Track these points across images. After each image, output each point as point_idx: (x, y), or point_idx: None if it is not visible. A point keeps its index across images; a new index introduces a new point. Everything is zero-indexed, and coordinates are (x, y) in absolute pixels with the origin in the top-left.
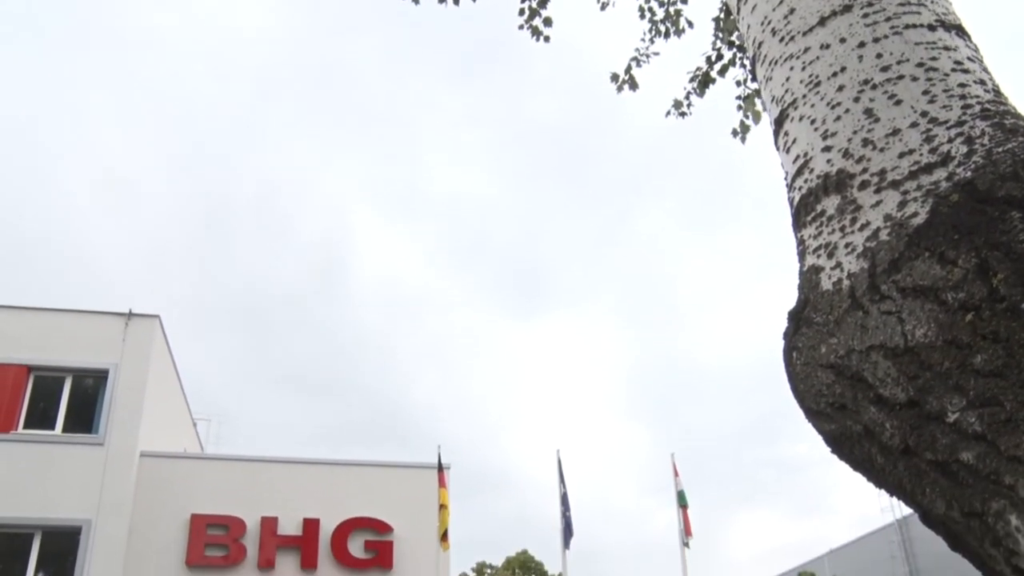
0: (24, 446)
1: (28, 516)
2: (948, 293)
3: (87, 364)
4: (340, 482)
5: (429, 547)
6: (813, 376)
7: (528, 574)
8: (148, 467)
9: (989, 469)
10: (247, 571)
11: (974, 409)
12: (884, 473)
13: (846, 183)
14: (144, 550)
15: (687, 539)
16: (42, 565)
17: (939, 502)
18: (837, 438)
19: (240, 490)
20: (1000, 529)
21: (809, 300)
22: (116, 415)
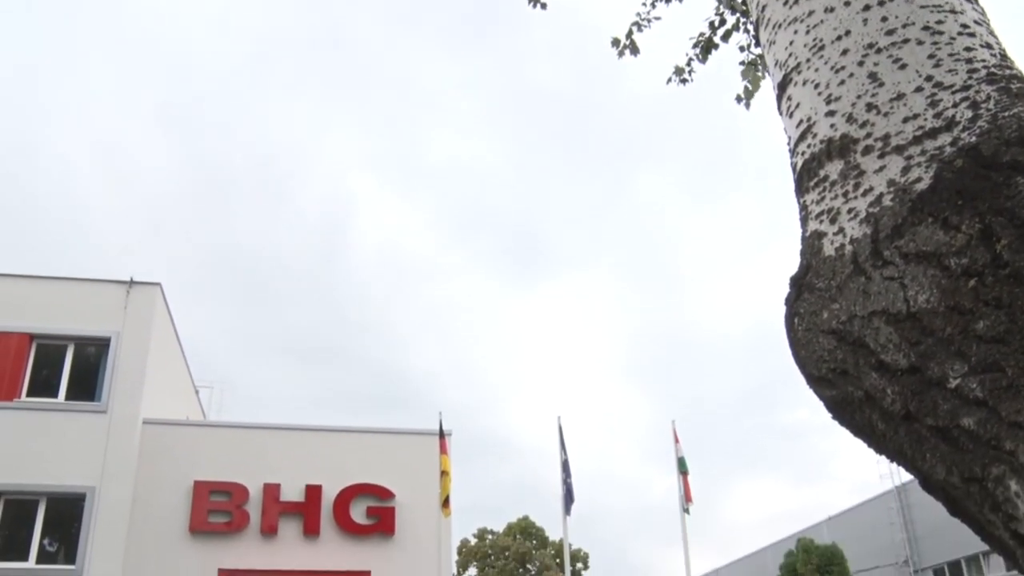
0: (27, 414)
1: (33, 483)
2: (951, 259)
3: (89, 332)
4: (342, 449)
5: (431, 513)
6: (815, 342)
7: (529, 539)
8: (151, 434)
9: (990, 434)
10: (250, 537)
11: (976, 375)
12: (885, 439)
13: (849, 148)
14: (147, 516)
15: (687, 505)
16: (47, 531)
17: (939, 467)
18: (838, 404)
19: (242, 457)
20: (999, 494)
21: (811, 266)
22: (118, 383)
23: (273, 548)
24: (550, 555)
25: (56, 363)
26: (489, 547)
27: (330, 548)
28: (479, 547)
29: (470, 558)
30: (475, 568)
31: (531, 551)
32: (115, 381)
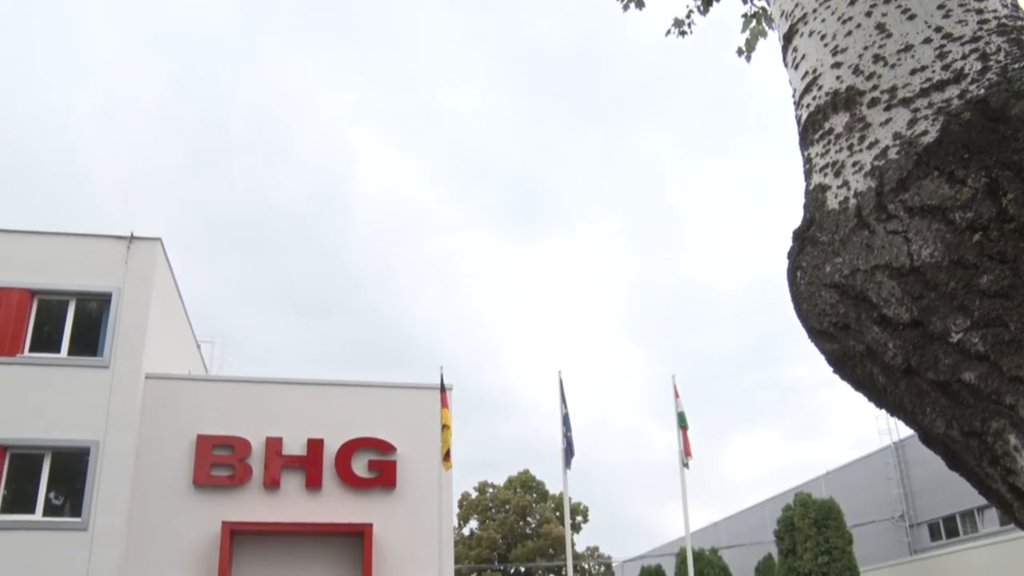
0: (30, 369)
1: (37, 437)
2: (956, 213)
3: (90, 288)
4: (344, 403)
5: (432, 467)
6: (817, 296)
7: (529, 493)
8: (153, 389)
9: (990, 389)
10: (253, 490)
11: (978, 329)
12: (885, 393)
13: (855, 100)
14: (151, 470)
15: (687, 460)
16: (53, 485)
17: (939, 422)
18: (839, 358)
19: (245, 411)
20: (999, 448)
21: (815, 219)
22: (120, 338)
23: (276, 501)
24: (550, 508)
25: (58, 318)
26: (490, 500)
27: (332, 501)
28: (480, 500)
29: (471, 511)
30: (476, 521)
31: (531, 504)
32: (117, 336)
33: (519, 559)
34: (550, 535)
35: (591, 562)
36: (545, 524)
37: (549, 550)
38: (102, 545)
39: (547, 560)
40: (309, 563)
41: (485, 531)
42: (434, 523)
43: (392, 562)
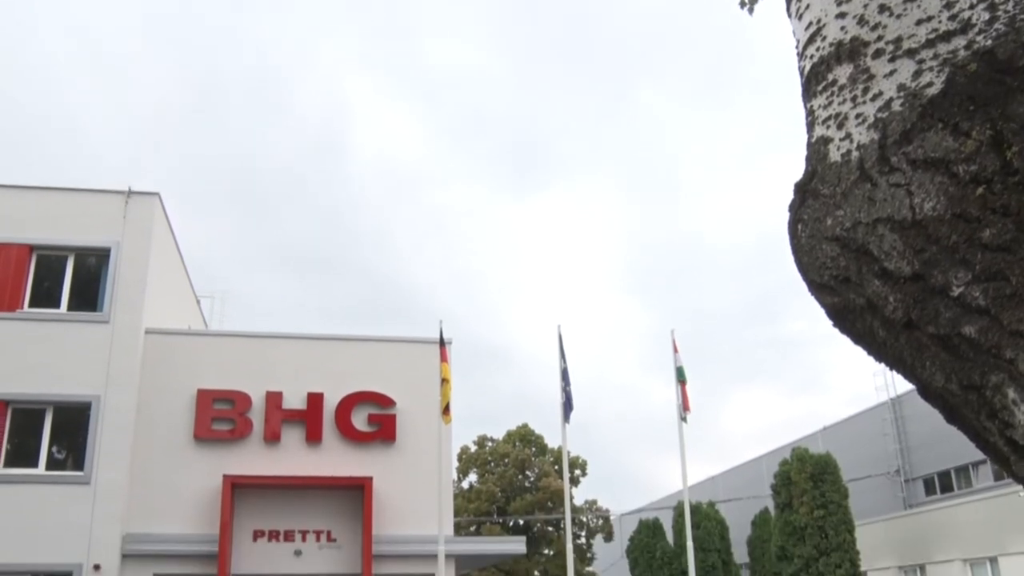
0: (31, 324)
1: (39, 392)
2: (960, 166)
3: (89, 243)
4: (343, 357)
5: (431, 420)
6: (818, 249)
7: (528, 447)
8: (153, 344)
9: (990, 343)
10: (254, 444)
11: (979, 283)
12: (885, 347)
13: (859, 51)
14: (152, 424)
15: (685, 414)
16: (55, 439)
17: (938, 375)
18: (840, 311)
19: (245, 365)
20: (997, 402)
21: (816, 172)
22: (120, 293)
23: (276, 455)
24: (549, 462)
25: (57, 274)
26: (489, 454)
27: (332, 455)
28: (479, 454)
29: (470, 464)
30: (475, 474)
31: (530, 458)
32: (116, 291)
33: (518, 512)
34: (549, 488)
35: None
36: (544, 478)
37: (548, 503)
38: (104, 498)
39: (546, 513)
40: (310, 516)
41: (484, 484)
42: (433, 476)
43: (392, 515)
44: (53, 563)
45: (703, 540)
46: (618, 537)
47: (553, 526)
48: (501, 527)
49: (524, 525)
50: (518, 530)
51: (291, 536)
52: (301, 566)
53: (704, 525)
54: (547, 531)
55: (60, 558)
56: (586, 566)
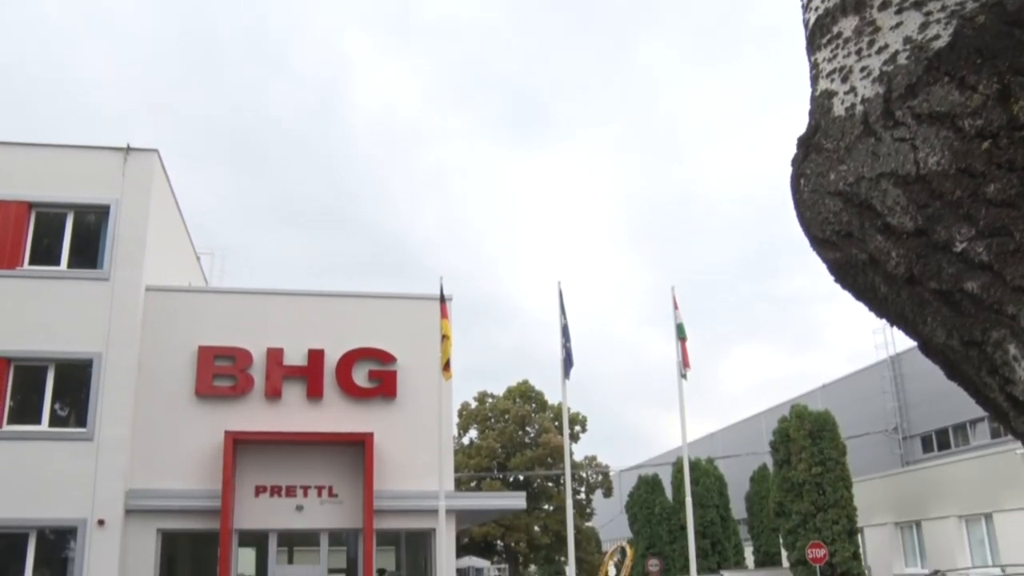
0: (31, 282)
1: (40, 349)
2: (965, 120)
3: (88, 200)
4: (344, 313)
5: (431, 376)
6: (820, 203)
7: (528, 403)
8: (154, 301)
9: (992, 299)
10: (255, 400)
11: (982, 239)
12: (886, 302)
13: (865, 3)
14: (154, 381)
15: (685, 371)
16: (57, 395)
17: (939, 331)
18: (841, 267)
19: (245, 322)
20: (998, 358)
21: (820, 126)
22: (120, 250)
23: (277, 411)
24: (549, 418)
25: (56, 231)
26: (489, 410)
27: (333, 411)
28: (479, 410)
29: (470, 421)
30: (475, 430)
31: (530, 414)
32: (116, 248)
33: (518, 468)
34: (549, 444)
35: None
36: (544, 434)
37: (548, 459)
38: (107, 454)
39: (546, 469)
40: (311, 471)
41: (484, 440)
42: (434, 432)
43: (393, 471)
44: (58, 518)
45: (702, 496)
46: (617, 493)
47: (553, 482)
48: (501, 483)
49: (524, 481)
50: (518, 486)
51: (292, 491)
52: (303, 521)
53: (703, 481)
54: (547, 487)
55: (64, 513)
56: (585, 521)
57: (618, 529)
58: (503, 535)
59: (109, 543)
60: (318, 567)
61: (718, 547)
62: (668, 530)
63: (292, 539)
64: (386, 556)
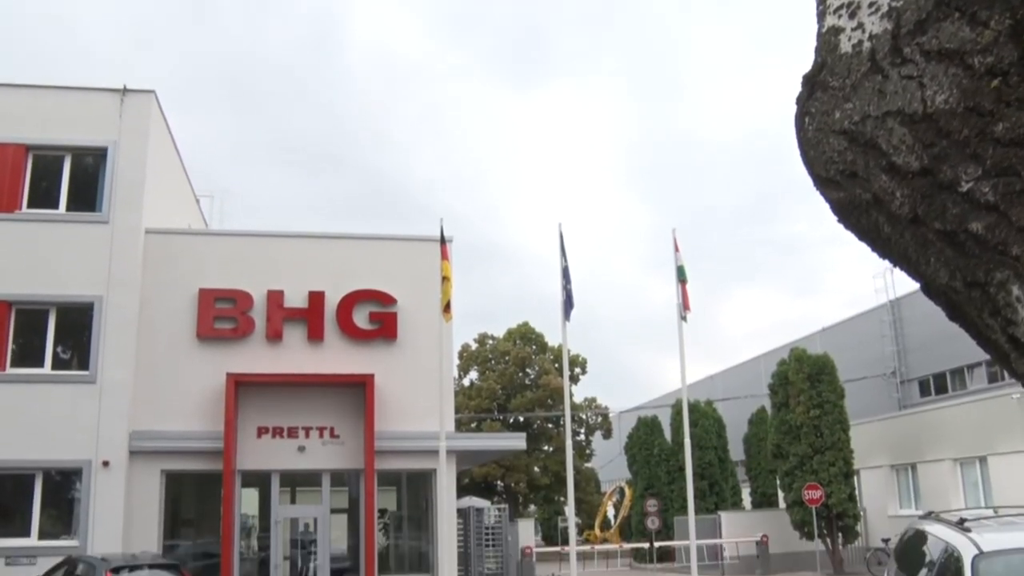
0: (29, 225)
1: (41, 293)
2: (975, 57)
3: (85, 142)
4: (344, 255)
5: (432, 318)
6: (825, 142)
7: (529, 345)
8: (154, 244)
9: (997, 240)
10: (256, 342)
11: (989, 179)
12: (890, 243)
13: None
14: (155, 324)
15: (685, 313)
16: (60, 339)
17: (942, 272)
18: (845, 207)
19: (246, 264)
20: (1001, 299)
21: (826, 63)
22: (118, 193)
23: (278, 353)
24: (549, 360)
25: (54, 174)
26: (489, 352)
27: (334, 352)
28: (480, 352)
29: (471, 362)
30: (476, 372)
31: (530, 356)
32: (115, 191)
33: (518, 409)
34: (549, 386)
35: (588, 412)
36: (544, 375)
37: (548, 400)
38: (110, 397)
39: (546, 410)
40: (312, 413)
41: (485, 382)
42: (434, 374)
43: (394, 412)
44: (63, 460)
45: (700, 438)
46: (617, 434)
47: (553, 423)
48: (501, 424)
49: (524, 422)
50: (518, 427)
51: (294, 432)
52: (305, 462)
53: (702, 423)
54: (547, 428)
55: (69, 455)
56: (585, 462)
57: (617, 470)
58: (503, 476)
59: (114, 484)
60: (320, 507)
61: (716, 488)
62: (667, 471)
63: (294, 479)
64: (387, 496)
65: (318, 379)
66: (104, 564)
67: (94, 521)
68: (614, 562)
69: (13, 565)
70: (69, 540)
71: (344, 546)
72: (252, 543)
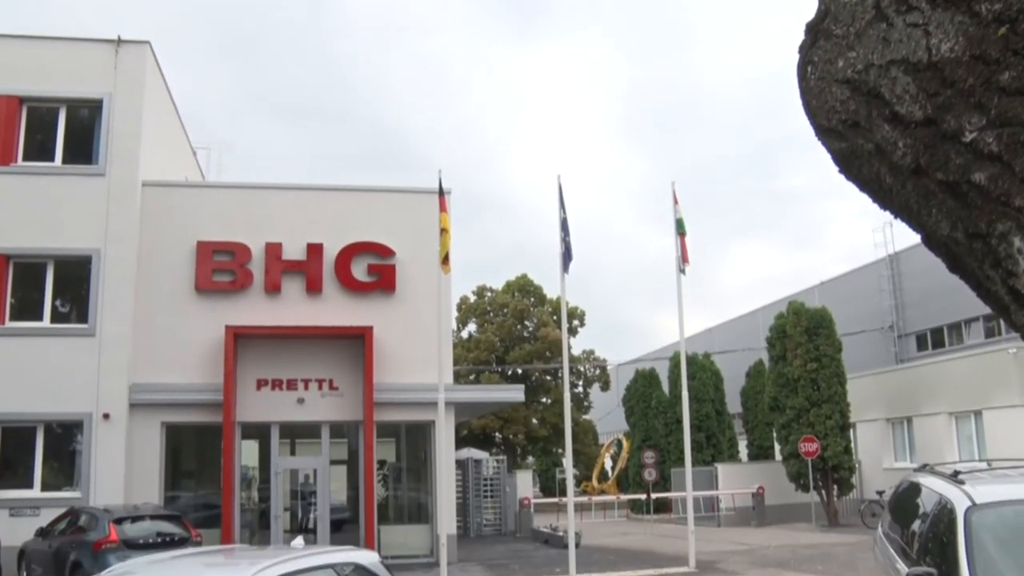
0: (25, 178)
1: (39, 246)
2: (982, 4)
3: (80, 94)
4: (342, 207)
5: (430, 270)
6: (827, 91)
7: (527, 297)
8: (151, 196)
9: (1000, 191)
10: (254, 295)
11: (993, 128)
12: (891, 194)
13: None
14: (153, 277)
15: (683, 266)
16: (58, 292)
17: (944, 223)
18: (847, 157)
19: (244, 217)
20: (1002, 251)
21: (830, 11)
22: (114, 145)
23: (277, 304)
24: (547, 312)
25: (49, 126)
26: (488, 304)
27: (332, 304)
28: (478, 304)
29: (469, 314)
30: (474, 324)
31: (529, 308)
32: (111, 143)
33: (516, 361)
34: (547, 338)
35: (587, 365)
36: (542, 328)
37: (546, 353)
38: (110, 350)
39: (544, 363)
40: (311, 365)
41: (483, 334)
42: (433, 326)
43: (392, 364)
44: (63, 412)
45: (698, 390)
46: (615, 387)
47: (551, 375)
48: (500, 376)
49: (522, 374)
50: (516, 379)
51: (293, 384)
52: (304, 413)
53: (699, 376)
54: (545, 380)
55: (70, 408)
56: (583, 414)
57: (615, 422)
58: (501, 427)
59: (115, 436)
60: (320, 458)
61: (713, 440)
62: (664, 423)
63: (294, 431)
64: (386, 448)
65: (317, 331)
66: (107, 515)
67: (96, 473)
68: (611, 513)
69: (17, 516)
70: (71, 492)
71: (344, 497)
72: (252, 494)
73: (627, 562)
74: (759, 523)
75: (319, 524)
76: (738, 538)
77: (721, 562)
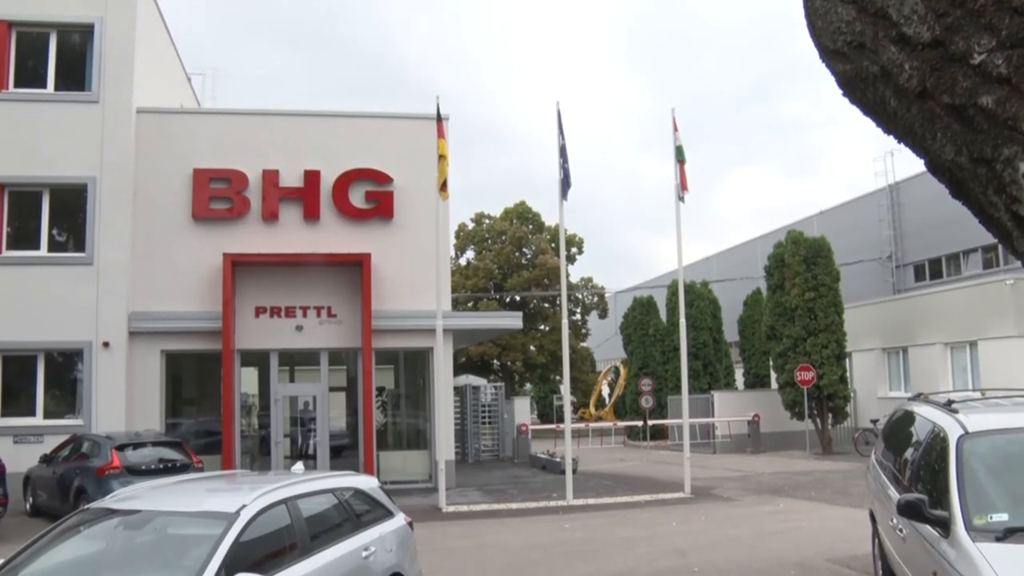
0: (17, 105)
1: (34, 175)
2: None
3: (71, 18)
4: (339, 134)
5: (429, 197)
6: (833, 12)
7: (525, 224)
8: (146, 123)
9: (1008, 114)
10: (252, 222)
11: (1003, 50)
12: (895, 117)
13: None
14: (150, 205)
15: (683, 193)
16: (55, 221)
17: (948, 148)
18: (851, 79)
19: (240, 144)
20: (1007, 176)
21: None
22: (108, 71)
23: (274, 232)
24: (546, 239)
25: (40, 52)
26: (486, 231)
27: (330, 232)
28: (476, 231)
29: (468, 241)
30: (472, 251)
31: (527, 235)
32: (104, 69)
33: (515, 288)
34: (545, 266)
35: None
36: (540, 255)
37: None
38: (108, 278)
39: (542, 290)
40: (310, 292)
41: (481, 261)
42: (431, 253)
43: (390, 291)
44: (64, 341)
45: (695, 318)
46: (612, 314)
47: (549, 303)
48: (498, 303)
49: (520, 301)
50: (515, 306)
51: (292, 312)
52: (303, 341)
53: (697, 304)
54: (543, 307)
55: (70, 336)
56: (581, 342)
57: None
58: (499, 354)
59: (115, 364)
60: (319, 385)
61: (709, 368)
62: (661, 351)
63: (293, 358)
64: (385, 374)
65: (315, 259)
66: (109, 442)
67: (97, 401)
68: (608, 440)
69: (21, 443)
70: (73, 419)
71: (343, 424)
72: (252, 421)
73: (623, 487)
74: (754, 450)
75: (319, 450)
76: (733, 465)
77: (716, 488)
